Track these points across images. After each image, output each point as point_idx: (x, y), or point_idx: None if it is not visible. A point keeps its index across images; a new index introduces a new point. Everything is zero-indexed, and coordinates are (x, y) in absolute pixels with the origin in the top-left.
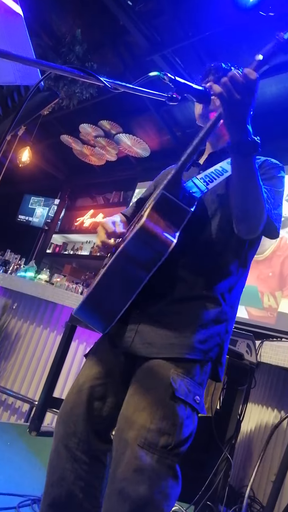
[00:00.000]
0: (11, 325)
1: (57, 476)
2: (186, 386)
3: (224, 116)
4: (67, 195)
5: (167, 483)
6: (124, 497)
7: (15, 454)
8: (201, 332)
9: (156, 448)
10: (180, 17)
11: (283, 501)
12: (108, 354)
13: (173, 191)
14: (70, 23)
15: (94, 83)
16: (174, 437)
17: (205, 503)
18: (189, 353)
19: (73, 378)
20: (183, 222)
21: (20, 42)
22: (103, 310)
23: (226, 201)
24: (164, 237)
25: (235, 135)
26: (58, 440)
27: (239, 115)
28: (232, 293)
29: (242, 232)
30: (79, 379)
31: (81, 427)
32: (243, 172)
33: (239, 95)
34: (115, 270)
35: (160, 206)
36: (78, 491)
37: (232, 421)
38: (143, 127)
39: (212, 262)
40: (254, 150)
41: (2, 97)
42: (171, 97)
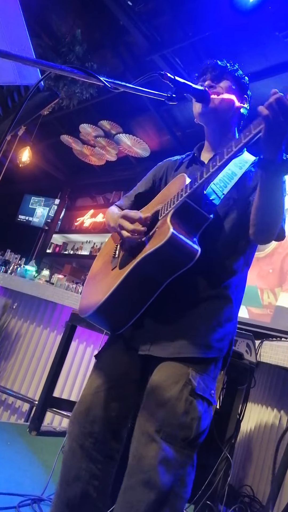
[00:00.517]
0: (11, 325)
1: (72, 475)
2: (203, 382)
3: (264, 135)
4: (67, 195)
5: (187, 472)
6: (151, 487)
7: (15, 454)
8: (219, 331)
9: (177, 441)
10: (180, 18)
11: (282, 501)
12: (123, 355)
13: (196, 199)
14: (70, 23)
15: (94, 83)
16: (193, 430)
17: (205, 502)
18: (207, 352)
19: (73, 378)
20: (201, 228)
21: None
22: (118, 315)
23: (236, 206)
24: (190, 248)
25: (271, 154)
26: (72, 440)
27: (279, 136)
28: (238, 291)
29: (260, 241)
30: (94, 380)
31: (97, 428)
32: (271, 189)
33: (282, 117)
34: (134, 277)
35: (182, 213)
36: (93, 490)
37: (232, 421)
38: (143, 127)
39: (223, 263)
40: (285, 169)
41: (2, 97)
42: (170, 97)
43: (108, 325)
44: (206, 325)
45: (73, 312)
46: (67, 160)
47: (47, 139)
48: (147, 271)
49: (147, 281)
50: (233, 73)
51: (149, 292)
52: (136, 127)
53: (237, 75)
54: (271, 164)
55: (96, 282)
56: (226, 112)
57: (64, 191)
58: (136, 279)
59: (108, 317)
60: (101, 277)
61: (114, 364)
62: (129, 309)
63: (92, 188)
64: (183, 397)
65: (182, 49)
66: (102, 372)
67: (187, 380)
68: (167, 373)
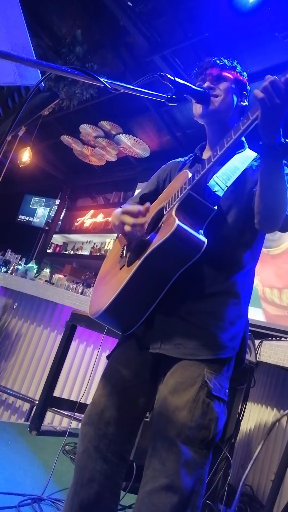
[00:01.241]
0: (12, 324)
1: (87, 477)
2: (219, 383)
3: (261, 119)
4: (68, 195)
5: (205, 471)
6: (174, 490)
7: (16, 453)
8: (230, 330)
9: (196, 442)
10: (180, 18)
11: (282, 500)
12: (136, 355)
13: (199, 191)
14: (70, 24)
15: (94, 83)
16: (212, 431)
17: (205, 501)
18: (222, 352)
19: (74, 377)
20: (207, 220)
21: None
22: (128, 314)
23: (240, 198)
24: (196, 239)
25: (269, 138)
26: (88, 442)
27: (276, 118)
28: (247, 286)
29: (265, 229)
30: (108, 381)
31: (112, 429)
32: (273, 174)
33: (278, 99)
34: (142, 273)
35: (186, 205)
36: (107, 491)
37: (232, 420)
38: (143, 128)
39: (229, 256)
40: (284, 154)
41: (3, 98)
42: (170, 98)
43: (119, 325)
44: (217, 324)
45: (73, 312)
46: (67, 160)
47: (47, 140)
48: (155, 266)
49: (155, 276)
50: (232, 71)
51: (158, 288)
52: (136, 127)
53: (236, 72)
54: (270, 148)
55: (105, 283)
56: (226, 113)
57: (64, 191)
58: (145, 274)
59: (118, 316)
60: (109, 278)
61: (127, 364)
62: (138, 306)
63: (92, 188)
64: (200, 400)
65: (182, 49)
66: (115, 373)
67: (203, 382)
68: (182, 376)
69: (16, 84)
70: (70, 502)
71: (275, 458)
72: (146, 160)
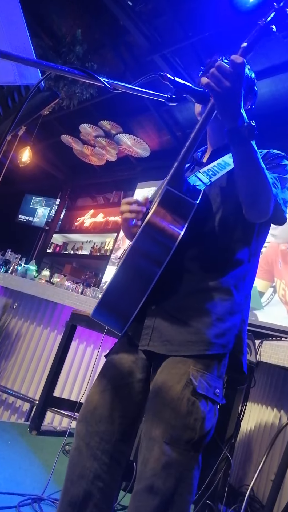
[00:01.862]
0: (12, 324)
1: (76, 474)
2: (206, 381)
3: (216, 106)
4: (68, 195)
5: (192, 474)
6: (154, 492)
7: (16, 453)
8: (218, 326)
9: (181, 443)
10: (180, 18)
11: (282, 500)
12: (128, 354)
13: (176, 185)
14: (70, 24)
15: (94, 83)
16: (197, 431)
17: (205, 502)
18: (208, 349)
19: (74, 377)
20: (189, 215)
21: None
22: (119, 308)
23: (229, 193)
24: (171, 230)
25: (230, 122)
26: (80, 439)
27: (230, 102)
28: (245, 283)
29: (253, 217)
30: (101, 380)
31: (103, 427)
32: (243, 157)
33: (228, 82)
34: (127, 268)
35: (165, 201)
36: (96, 491)
37: (232, 420)
38: (143, 127)
39: (219, 253)
40: (250, 134)
41: (3, 97)
42: (170, 98)
43: (113, 321)
44: (203, 320)
45: (73, 311)
46: (67, 160)
47: (47, 139)
48: (137, 260)
49: (140, 269)
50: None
51: (145, 280)
52: (136, 127)
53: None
54: (233, 132)
55: None
56: None
57: (64, 191)
58: (129, 268)
59: (111, 311)
60: None
61: (119, 363)
62: (129, 299)
63: (92, 188)
64: (185, 398)
65: (182, 49)
66: (108, 371)
67: (188, 380)
68: (169, 373)
69: (16, 84)
70: (60, 499)
71: (275, 459)
72: (146, 159)
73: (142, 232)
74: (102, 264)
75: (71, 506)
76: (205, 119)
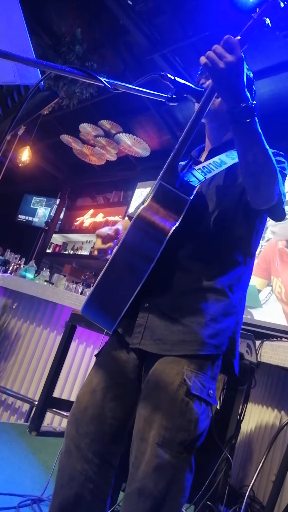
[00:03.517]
0: (11, 325)
1: (66, 476)
2: (200, 382)
3: (216, 88)
4: (67, 195)
5: (184, 477)
6: (146, 495)
7: (15, 454)
8: (212, 326)
9: (173, 445)
10: (180, 17)
11: (283, 501)
12: (120, 353)
13: (170, 180)
14: (70, 23)
15: (94, 83)
16: (190, 433)
17: (205, 503)
18: (201, 349)
19: (73, 378)
20: (182, 210)
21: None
22: (109, 305)
23: (226, 193)
24: (163, 224)
25: (230, 103)
26: (69, 440)
27: (229, 82)
28: (241, 284)
29: (258, 201)
30: (92, 380)
31: (93, 428)
32: (245, 137)
33: (223, 63)
34: (117, 263)
35: (158, 195)
36: (87, 493)
37: (232, 421)
38: (143, 127)
39: (215, 254)
40: (251, 114)
41: (2, 97)
42: (170, 98)
43: (103, 317)
44: (197, 320)
45: (73, 312)
46: (67, 159)
47: (47, 139)
48: (127, 255)
49: (130, 264)
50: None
51: (136, 275)
52: (136, 126)
53: None
54: (233, 112)
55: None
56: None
57: (64, 190)
58: (119, 263)
59: (101, 307)
60: None
61: (111, 362)
62: (119, 296)
63: (92, 187)
64: (179, 398)
65: (182, 48)
66: (99, 371)
67: (182, 380)
68: (162, 373)
69: (16, 83)
70: (51, 502)
71: (276, 459)
72: (146, 159)
73: (133, 226)
74: (102, 264)
75: (62, 510)
76: (200, 110)
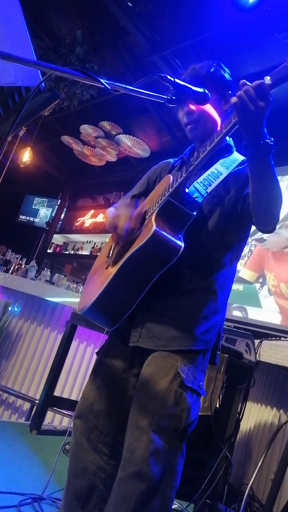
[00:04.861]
0: (12, 324)
1: (79, 467)
2: (192, 374)
3: (238, 122)
4: (68, 196)
5: (176, 461)
6: (142, 478)
7: (16, 453)
8: (204, 324)
9: (168, 432)
10: (180, 18)
11: (282, 499)
12: (120, 350)
13: (178, 197)
14: (70, 25)
15: (95, 84)
16: (183, 421)
17: (205, 501)
18: (194, 344)
19: (74, 377)
20: (186, 225)
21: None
22: (112, 310)
23: (221, 203)
24: (173, 244)
25: (250, 139)
26: (79, 433)
27: (253, 122)
28: (227, 284)
29: (263, 225)
30: (96, 377)
31: (102, 422)
32: (262, 171)
33: (254, 107)
34: (124, 274)
35: (166, 211)
36: (100, 482)
37: (232, 420)
38: (143, 128)
39: (208, 257)
40: (268, 152)
41: (3, 98)
42: (170, 99)
43: (104, 321)
44: (191, 318)
45: (74, 311)
46: (68, 160)
47: (47, 140)
48: (135, 267)
49: (135, 277)
50: (212, 80)
51: (139, 287)
52: (136, 128)
53: (216, 79)
54: (253, 149)
55: (92, 282)
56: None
57: (64, 191)
58: (126, 275)
59: (103, 313)
60: (96, 277)
61: (114, 359)
62: (122, 304)
63: (92, 188)
64: (173, 389)
65: (182, 50)
66: (101, 369)
67: (176, 373)
68: (157, 367)
69: (17, 85)
70: (65, 493)
71: (275, 458)
72: (146, 160)
73: (146, 243)
74: None
75: (76, 500)
76: (222, 137)
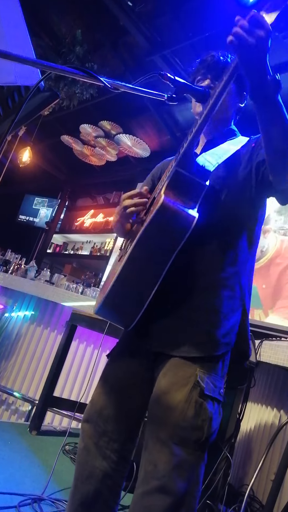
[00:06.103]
0: (12, 324)
1: (86, 473)
2: (212, 382)
3: (240, 64)
4: (68, 195)
5: (199, 471)
6: (167, 492)
7: (16, 453)
8: (225, 325)
9: (189, 443)
10: (180, 18)
11: (282, 500)
12: (133, 354)
13: (187, 166)
14: (70, 24)
15: (94, 83)
16: (205, 432)
17: (205, 502)
18: (214, 350)
19: (74, 377)
20: (200, 196)
21: (20, 42)
22: (125, 304)
23: (232, 178)
24: (185, 215)
25: (255, 79)
26: (88, 438)
27: (256, 58)
28: (244, 277)
29: (281, 177)
30: (107, 380)
31: (111, 427)
32: (271, 111)
33: (252, 38)
34: (138, 256)
35: (175, 182)
36: (106, 489)
37: (232, 420)
38: (143, 128)
39: (223, 241)
40: (276, 89)
41: (3, 97)
42: (170, 97)
43: (118, 318)
44: (211, 320)
45: (73, 312)
46: (68, 160)
47: (47, 140)
48: (147, 247)
49: (149, 260)
50: (234, 70)
51: (153, 275)
52: (136, 127)
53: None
54: (260, 88)
55: (107, 279)
56: (224, 113)
57: (64, 191)
58: (138, 259)
59: (116, 308)
60: (111, 274)
61: (125, 363)
62: (135, 297)
63: (92, 188)
64: (193, 400)
65: (182, 49)
66: (112, 372)
67: (196, 382)
68: (175, 376)
69: (16, 84)
70: (71, 498)
71: (275, 458)
72: (146, 160)
73: (156, 215)
74: (102, 264)
75: (82, 506)
76: (222, 88)
